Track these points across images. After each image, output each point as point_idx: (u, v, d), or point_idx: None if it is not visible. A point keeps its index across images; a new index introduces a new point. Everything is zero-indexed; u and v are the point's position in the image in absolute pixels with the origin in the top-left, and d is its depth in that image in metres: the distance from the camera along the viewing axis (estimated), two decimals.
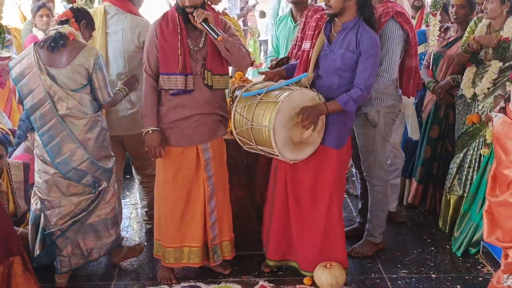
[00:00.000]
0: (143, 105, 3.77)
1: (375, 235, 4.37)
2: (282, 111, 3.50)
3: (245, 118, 3.65)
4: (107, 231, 4.04)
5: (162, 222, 3.92)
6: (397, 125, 4.61)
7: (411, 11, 6.10)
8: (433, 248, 4.56)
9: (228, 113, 3.92)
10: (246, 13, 9.77)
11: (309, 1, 4.91)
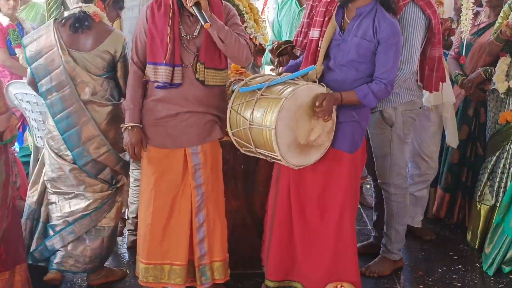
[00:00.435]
0: (126, 97, 3.62)
1: (392, 251, 4.16)
2: (285, 109, 3.30)
3: (242, 116, 3.45)
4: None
5: (141, 234, 3.72)
6: (435, 131, 4.58)
7: None
8: (460, 266, 4.38)
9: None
10: None
11: None
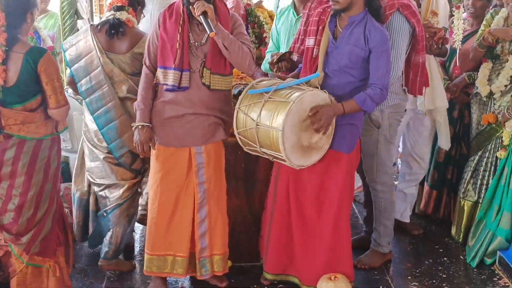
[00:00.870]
0: (137, 98, 3.71)
1: (382, 244, 4.23)
2: (293, 113, 3.38)
3: (250, 117, 3.52)
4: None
5: (148, 226, 3.83)
6: (428, 134, 4.65)
7: None
8: (445, 258, 4.45)
9: (231, 117, 3.76)
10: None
11: None
